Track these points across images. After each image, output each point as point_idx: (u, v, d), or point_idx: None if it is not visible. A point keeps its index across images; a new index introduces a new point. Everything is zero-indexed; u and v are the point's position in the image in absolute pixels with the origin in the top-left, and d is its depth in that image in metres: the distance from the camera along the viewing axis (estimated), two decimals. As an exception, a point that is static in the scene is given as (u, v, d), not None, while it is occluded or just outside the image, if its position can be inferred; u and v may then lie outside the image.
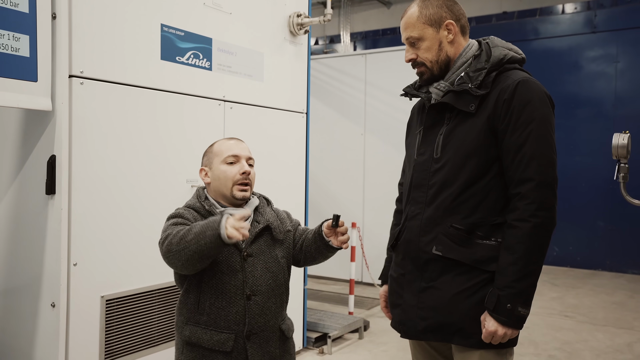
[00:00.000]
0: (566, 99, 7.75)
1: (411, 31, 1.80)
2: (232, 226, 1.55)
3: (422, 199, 1.79)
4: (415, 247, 1.78)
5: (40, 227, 2.40)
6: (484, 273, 1.69)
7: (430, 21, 1.78)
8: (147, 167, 2.70)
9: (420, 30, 1.79)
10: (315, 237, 1.86)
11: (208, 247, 1.59)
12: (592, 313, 5.42)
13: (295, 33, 3.61)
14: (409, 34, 1.80)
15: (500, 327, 1.62)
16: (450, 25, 1.79)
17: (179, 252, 1.62)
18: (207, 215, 1.78)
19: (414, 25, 1.79)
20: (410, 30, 1.80)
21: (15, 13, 2.15)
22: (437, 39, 1.79)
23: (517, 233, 1.63)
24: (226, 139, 1.92)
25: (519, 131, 1.65)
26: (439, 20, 1.79)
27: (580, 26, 7.92)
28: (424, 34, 1.79)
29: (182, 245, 1.61)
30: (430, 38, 1.79)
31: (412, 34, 1.80)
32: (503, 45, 1.82)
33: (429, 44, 1.79)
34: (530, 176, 1.63)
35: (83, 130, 2.41)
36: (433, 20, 1.78)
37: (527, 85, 1.69)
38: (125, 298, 2.60)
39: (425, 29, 1.79)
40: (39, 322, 2.41)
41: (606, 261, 7.62)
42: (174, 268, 1.73)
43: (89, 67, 2.42)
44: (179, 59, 2.85)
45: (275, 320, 1.84)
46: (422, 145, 1.84)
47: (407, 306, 1.80)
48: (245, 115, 3.27)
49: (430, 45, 1.79)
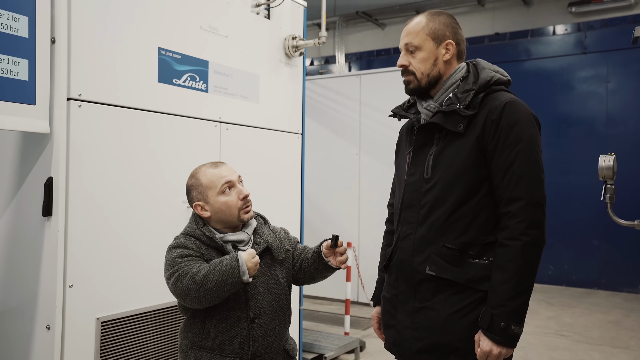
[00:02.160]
0: (559, 119, 7.84)
1: (412, 38, 1.84)
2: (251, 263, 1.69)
3: (414, 219, 1.81)
4: (409, 267, 1.80)
5: (37, 249, 2.40)
6: (477, 292, 1.71)
7: (434, 35, 1.83)
8: (143, 189, 2.71)
9: (421, 40, 1.83)
10: (314, 257, 1.88)
11: (230, 291, 1.70)
12: (588, 332, 5.42)
13: (291, 55, 3.67)
14: (410, 40, 1.84)
15: (495, 346, 1.63)
16: (450, 45, 1.84)
17: (199, 297, 1.67)
18: (208, 242, 1.79)
19: (417, 33, 1.84)
20: (411, 37, 1.84)
21: (15, 38, 2.19)
22: (434, 54, 1.83)
23: (509, 252, 1.65)
24: (209, 166, 1.88)
25: (508, 151, 1.69)
26: (441, 37, 1.83)
27: (571, 47, 8.06)
28: (424, 45, 1.83)
29: (203, 292, 1.66)
30: (429, 50, 1.83)
31: (413, 42, 1.84)
32: (489, 67, 1.87)
33: (426, 55, 1.83)
34: (520, 195, 1.66)
35: (80, 152, 2.43)
36: (436, 35, 1.83)
37: (514, 106, 1.73)
38: (121, 320, 2.59)
39: (427, 41, 1.83)
40: (34, 345, 2.40)
41: (601, 280, 7.63)
42: (189, 306, 1.77)
43: (87, 90, 2.45)
44: (176, 81, 2.89)
45: (280, 342, 1.85)
46: (412, 165, 1.87)
47: (401, 327, 1.81)
48: (241, 136, 3.30)
49: (426, 57, 1.83)
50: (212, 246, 1.80)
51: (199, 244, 1.79)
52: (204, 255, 1.78)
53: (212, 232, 1.81)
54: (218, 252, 1.80)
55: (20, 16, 2.21)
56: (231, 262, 1.66)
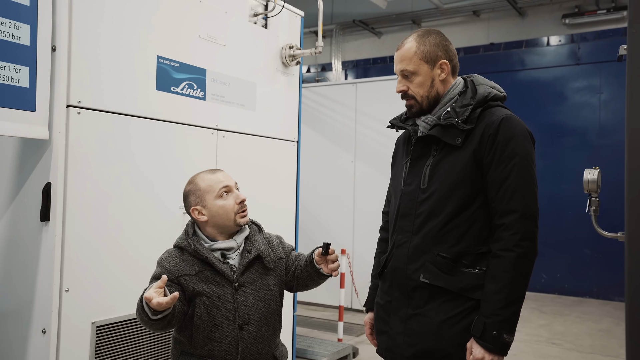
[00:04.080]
0: (552, 128, 7.92)
1: (407, 65, 1.87)
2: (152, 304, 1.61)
3: (409, 228, 1.86)
4: (403, 274, 1.84)
5: (34, 253, 2.43)
6: (469, 301, 1.75)
7: (427, 58, 1.86)
8: (140, 195, 2.75)
9: (415, 66, 1.86)
10: (307, 265, 1.91)
11: (155, 328, 1.71)
12: (579, 340, 5.46)
13: (287, 64, 3.72)
14: (404, 67, 1.87)
15: (487, 353, 1.67)
16: (444, 65, 1.88)
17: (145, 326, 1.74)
18: (193, 253, 1.83)
19: (410, 59, 1.86)
20: (405, 64, 1.87)
21: (17, 46, 2.22)
22: (430, 76, 1.87)
23: (502, 262, 1.69)
24: (207, 173, 1.93)
25: (503, 165, 1.74)
26: (434, 59, 1.87)
27: (564, 58, 8.15)
28: (419, 70, 1.86)
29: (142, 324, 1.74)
30: (424, 74, 1.87)
31: (408, 68, 1.87)
32: (486, 83, 1.92)
33: (422, 79, 1.87)
34: (515, 208, 1.71)
35: (79, 158, 2.46)
36: (429, 58, 1.86)
37: (511, 122, 1.78)
38: (116, 324, 2.62)
39: (421, 65, 1.86)
40: (30, 348, 2.42)
41: (593, 288, 7.69)
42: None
43: (87, 97, 2.49)
44: (174, 89, 2.93)
45: (269, 348, 1.87)
46: (409, 175, 1.91)
47: (393, 333, 1.85)
48: (237, 143, 3.34)
49: (423, 81, 1.87)
50: (198, 257, 1.83)
51: (184, 257, 1.84)
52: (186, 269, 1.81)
53: (199, 243, 1.84)
54: (204, 263, 1.83)
55: (22, 24, 2.24)
56: (139, 302, 1.71)
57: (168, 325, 1.73)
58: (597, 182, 2.34)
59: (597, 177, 2.35)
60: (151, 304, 1.59)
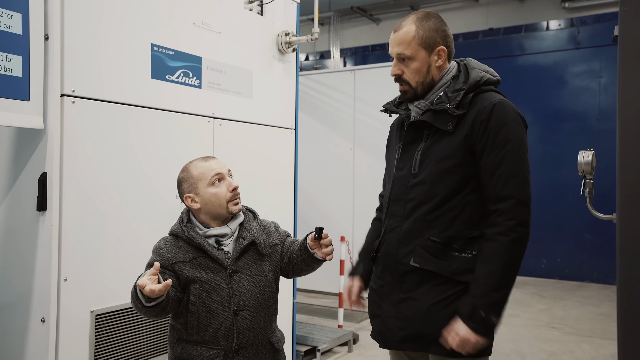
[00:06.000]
0: (552, 113, 7.89)
1: (404, 49, 1.84)
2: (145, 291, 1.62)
3: (400, 213, 1.86)
4: (394, 259, 1.84)
5: (31, 243, 2.44)
6: (459, 284, 1.76)
7: (425, 44, 1.83)
8: (136, 183, 2.75)
9: (413, 51, 1.83)
10: (301, 250, 1.91)
11: (149, 315, 1.73)
12: (579, 324, 5.49)
13: (284, 51, 3.69)
14: (402, 50, 1.84)
15: (473, 334, 1.67)
16: (442, 51, 1.85)
17: (140, 313, 1.77)
18: (187, 240, 1.84)
19: (408, 43, 1.83)
20: (403, 48, 1.84)
21: (9, 35, 2.21)
22: (427, 62, 1.85)
23: (496, 246, 1.70)
24: (200, 160, 1.93)
25: (497, 151, 1.73)
26: (432, 45, 1.84)
27: (564, 42, 8.10)
28: (416, 55, 1.83)
29: (137, 310, 1.76)
30: (421, 60, 1.84)
31: (405, 52, 1.84)
32: (479, 67, 1.89)
33: (419, 65, 1.84)
34: (510, 194, 1.71)
35: (74, 147, 2.46)
36: (427, 44, 1.83)
37: (503, 107, 1.77)
38: (115, 313, 2.63)
39: (419, 51, 1.83)
40: (29, 338, 2.44)
41: (593, 273, 7.71)
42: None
43: (81, 86, 2.48)
44: (169, 77, 2.91)
45: (265, 334, 1.88)
46: (401, 160, 1.91)
47: (385, 317, 1.86)
48: (234, 131, 3.33)
49: (419, 67, 1.84)
50: (192, 244, 1.84)
51: (178, 245, 1.85)
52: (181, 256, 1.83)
53: (193, 230, 1.85)
54: (198, 250, 1.84)
55: (13, 13, 2.23)
56: (133, 289, 1.73)
57: (162, 312, 1.74)
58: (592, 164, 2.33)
59: (592, 159, 2.34)
60: (144, 291, 1.60)
